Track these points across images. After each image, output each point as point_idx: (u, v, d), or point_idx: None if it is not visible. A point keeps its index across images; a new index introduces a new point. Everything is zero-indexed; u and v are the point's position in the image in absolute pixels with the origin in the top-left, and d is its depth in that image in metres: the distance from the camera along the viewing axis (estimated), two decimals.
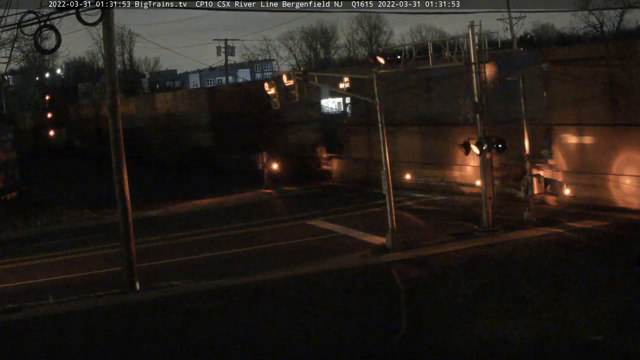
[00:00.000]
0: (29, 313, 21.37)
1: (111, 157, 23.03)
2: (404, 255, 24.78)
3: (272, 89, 28.16)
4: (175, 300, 21.75)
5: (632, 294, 19.01)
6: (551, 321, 17.30)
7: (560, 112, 30.63)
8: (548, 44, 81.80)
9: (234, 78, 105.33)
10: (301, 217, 33.41)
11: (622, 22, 75.09)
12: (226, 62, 76.61)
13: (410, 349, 16.57)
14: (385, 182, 26.06)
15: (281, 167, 44.38)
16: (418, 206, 33.77)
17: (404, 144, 37.64)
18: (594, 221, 27.19)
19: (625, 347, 15.59)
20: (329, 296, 21.17)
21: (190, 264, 26.35)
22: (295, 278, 23.06)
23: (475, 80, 27.28)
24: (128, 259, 23.04)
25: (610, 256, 22.73)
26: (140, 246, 25.79)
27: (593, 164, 29.56)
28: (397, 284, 21.61)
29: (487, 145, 26.73)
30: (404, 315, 18.87)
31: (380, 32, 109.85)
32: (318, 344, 17.36)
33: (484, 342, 16.42)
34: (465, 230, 27.43)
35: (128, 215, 23.04)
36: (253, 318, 19.59)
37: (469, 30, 27.22)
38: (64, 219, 37.35)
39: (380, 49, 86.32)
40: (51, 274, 26.17)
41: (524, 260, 23.18)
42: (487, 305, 18.93)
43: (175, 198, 41.17)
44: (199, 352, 17.46)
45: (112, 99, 23.05)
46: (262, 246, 28.16)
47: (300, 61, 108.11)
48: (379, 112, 26.38)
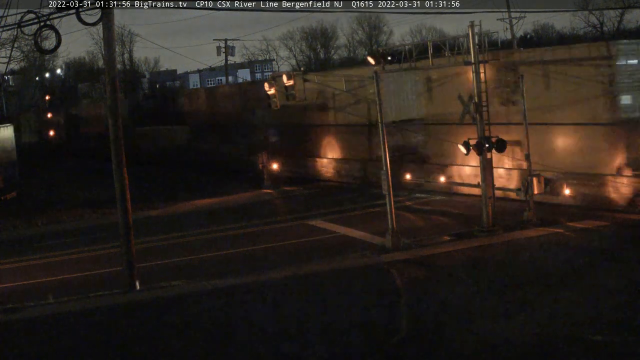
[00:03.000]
0: (29, 313, 21.38)
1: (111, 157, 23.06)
2: (404, 255, 24.78)
3: (272, 89, 28.20)
4: (175, 300, 21.75)
5: (632, 293, 19.02)
6: (551, 321, 17.31)
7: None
8: (548, 44, 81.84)
9: (234, 78, 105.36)
10: (301, 217, 33.40)
11: (622, 22, 75.16)
12: (226, 62, 76.62)
13: (410, 349, 16.57)
14: (385, 182, 26.07)
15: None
16: (418, 206, 33.77)
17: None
18: (594, 221, 27.20)
19: (625, 347, 15.59)
20: (329, 296, 21.17)
21: (190, 264, 26.34)
22: (295, 278, 23.05)
23: (475, 80, 27.29)
24: (128, 259, 23.03)
25: (611, 256, 22.75)
26: (140, 246, 25.80)
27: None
28: (397, 284, 21.62)
29: (487, 145, 26.74)
30: (404, 315, 18.88)
31: (380, 32, 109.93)
32: (318, 344, 17.36)
33: (484, 342, 16.43)
34: (465, 230, 27.43)
35: (128, 215, 23.04)
36: (253, 318, 19.60)
37: (469, 30, 27.23)
38: (64, 219, 37.32)
39: (380, 49, 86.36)
40: (51, 274, 26.16)
41: (524, 260, 23.19)
42: (487, 305, 18.94)
43: (175, 198, 41.18)
44: (198, 352, 17.46)
45: (112, 99, 23.04)
46: (262, 246, 28.15)
47: (300, 61, 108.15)
48: (379, 112, 26.39)
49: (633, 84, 28.61)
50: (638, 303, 18.42)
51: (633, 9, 70.95)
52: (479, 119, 27.30)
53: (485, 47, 27.92)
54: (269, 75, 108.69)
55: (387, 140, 26.19)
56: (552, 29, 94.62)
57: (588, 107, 29.18)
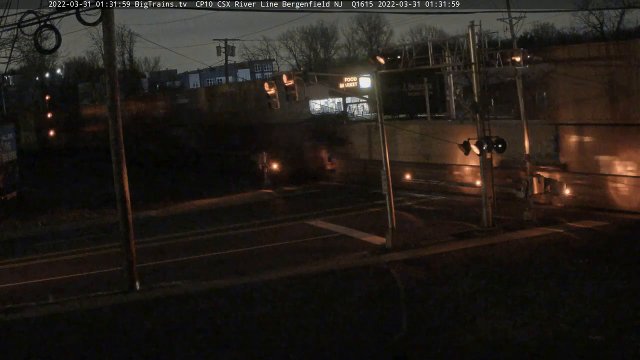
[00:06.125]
0: (29, 313, 21.37)
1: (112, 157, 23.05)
2: (404, 255, 24.78)
3: (272, 89, 28.16)
4: (175, 300, 21.74)
5: (632, 293, 19.02)
6: (551, 321, 17.31)
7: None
8: (548, 44, 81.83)
9: (234, 78, 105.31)
10: (301, 217, 33.41)
11: (622, 22, 75.12)
12: (226, 62, 76.61)
13: (410, 349, 16.57)
14: (385, 182, 26.07)
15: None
16: (418, 206, 33.77)
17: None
18: (594, 221, 27.20)
19: (625, 347, 15.59)
20: (329, 296, 21.16)
21: (190, 264, 26.33)
22: (295, 278, 23.06)
23: (475, 80, 27.30)
24: (128, 259, 23.03)
25: (610, 256, 22.76)
26: (140, 246, 25.78)
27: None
28: (397, 284, 21.61)
29: (487, 145, 26.75)
30: (404, 315, 18.88)
31: (380, 32, 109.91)
32: (318, 344, 17.36)
33: (484, 342, 16.43)
34: (465, 230, 27.43)
35: (128, 215, 23.04)
36: (253, 318, 19.60)
37: (469, 30, 27.26)
38: (64, 219, 37.30)
39: (380, 49, 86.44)
40: (51, 274, 26.14)
41: (524, 260, 23.19)
42: (487, 305, 18.94)
43: (175, 198, 41.17)
44: (198, 352, 17.46)
45: (112, 99, 23.03)
46: (262, 246, 28.14)
47: (300, 61, 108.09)
48: (379, 111, 26.40)
49: None
50: (638, 303, 18.42)
51: (633, 9, 70.91)
52: (478, 119, 27.31)
53: (485, 47, 27.87)
54: (269, 75, 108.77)
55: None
56: (552, 29, 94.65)
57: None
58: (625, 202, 28.24)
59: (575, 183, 29.85)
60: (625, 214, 27.84)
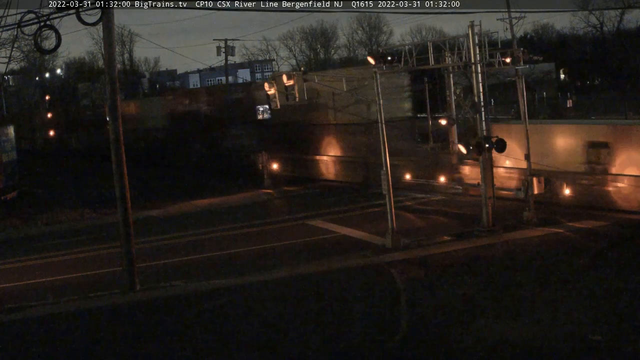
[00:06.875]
0: (29, 313, 21.37)
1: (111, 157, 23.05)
2: (404, 255, 24.77)
3: (272, 89, 28.19)
4: (175, 300, 21.74)
5: (632, 293, 19.02)
6: (551, 321, 17.30)
7: None
8: (548, 44, 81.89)
9: (234, 78, 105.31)
10: (301, 217, 33.40)
11: (622, 22, 75.13)
12: (226, 62, 76.59)
13: (410, 349, 16.57)
14: (385, 182, 26.06)
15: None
16: (418, 206, 33.76)
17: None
18: (594, 221, 27.19)
19: (625, 347, 15.59)
20: (329, 296, 21.16)
21: (190, 264, 26.33)
22: (295, 278, 23.06)
23: (475, 80, 27.29)
24: (128, 259, 23.02)
25: (611, 256, 22.75)
26: (140, 246, 25.79)
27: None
28: (397, 284, 21.61)
29: (487, 145, 26.73)
30: (404, 315, 18.88)
31: (380, 32, 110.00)
32: (318, 344, 17.36)
33: (484, 342, 16.42)
34: (465, 230, 27.41)
35: (128, 215, 23.03)
36: (253, 318, 19.59)
37: (469, 30, 27.22)
38: (64, 219, 37.29)
39: (380, 49, 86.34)
40: (51, 274, 26.15)
41: (524, 260, 23.19)
42: (487, 305, 18.94)
43: (175, 198, 41.17)
44: (199, 352, 17.46)
45: (112, 99, 23.03)
46: (262, 246, 28.14)
47: (300, 61, 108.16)
48: (379, 112, 26.38)
49: None
50: (638, 303, 18.42)
51: (633, 9, 70.88)
52: (478, 119, 27.29)
53: (485, 47, 27.86)
54: (269, 75, 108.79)
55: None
56: (552, 29, 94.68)
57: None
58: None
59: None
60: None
